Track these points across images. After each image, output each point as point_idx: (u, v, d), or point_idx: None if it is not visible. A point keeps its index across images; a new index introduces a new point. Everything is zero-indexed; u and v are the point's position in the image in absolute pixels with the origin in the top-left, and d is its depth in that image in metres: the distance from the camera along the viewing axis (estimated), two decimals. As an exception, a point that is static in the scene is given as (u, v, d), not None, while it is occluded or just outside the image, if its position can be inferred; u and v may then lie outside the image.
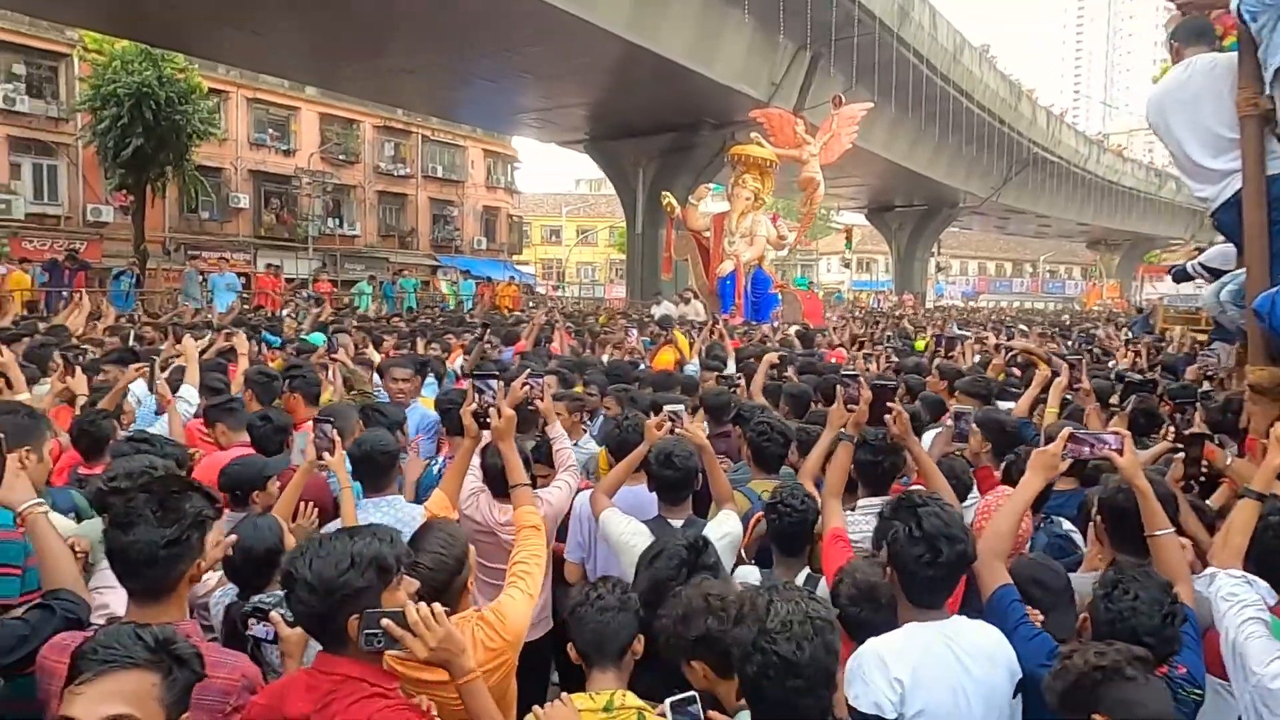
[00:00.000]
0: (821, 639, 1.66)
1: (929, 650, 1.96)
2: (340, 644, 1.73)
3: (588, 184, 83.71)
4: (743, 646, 1.69)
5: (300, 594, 1.70)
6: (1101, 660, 1.72)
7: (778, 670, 1.63)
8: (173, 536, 1.83)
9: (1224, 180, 3.56)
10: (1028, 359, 6.01)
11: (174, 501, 1.88)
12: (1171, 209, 53.40)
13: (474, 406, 2.66)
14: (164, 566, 1.84)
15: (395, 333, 9.05)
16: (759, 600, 1.73)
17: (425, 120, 36.14)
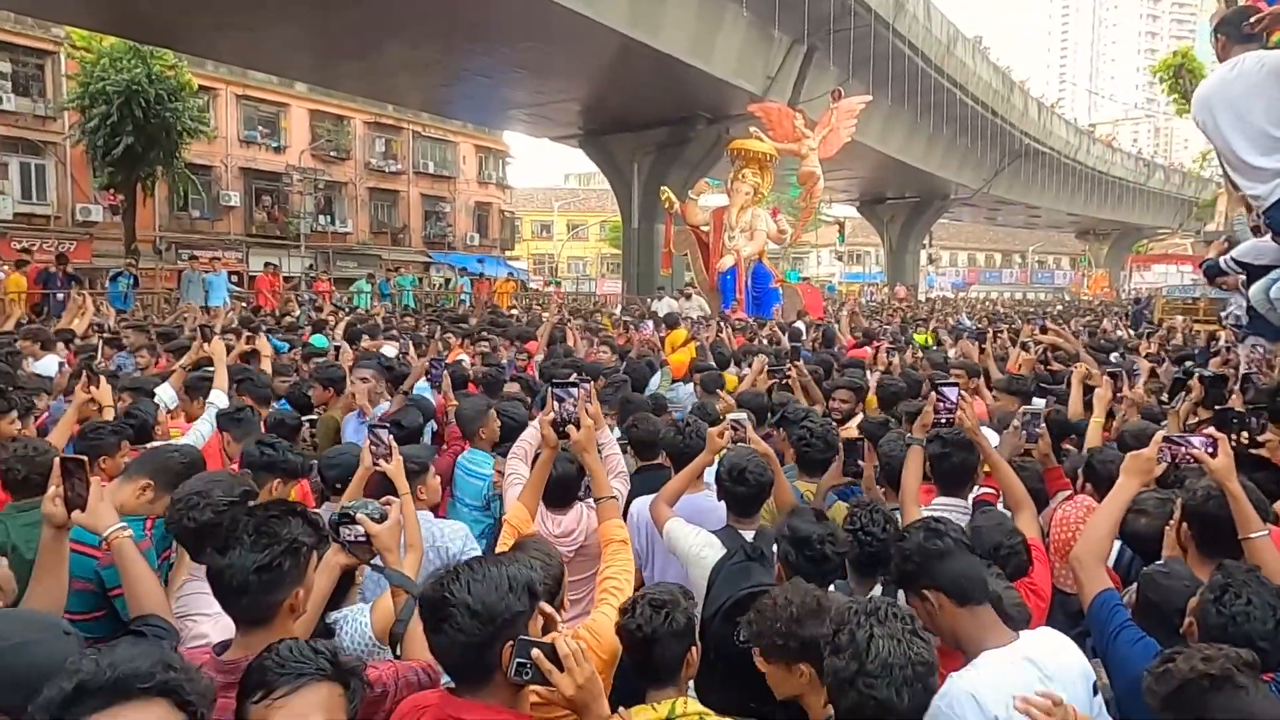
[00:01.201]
0: (922, 684, 1.63)
1: (1018, 681, 1.90)
2: (481, 680, 1.67)
3: (577, 178, 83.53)
4: (839, 679, 1.65)
5: (460, 620, 1.61)
6: (1210, 668, 1.66)
7: (874, 711, 1.61)
8: (264, 562, 1.78)
9: (1275, 179, 3.55)
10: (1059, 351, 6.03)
11: (272, 526, 1.83)
12: (1160, 199, 53.77)
13: (552, 416, 2.62)
14: (257, 593, 1.79)
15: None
16: (859, 633, 1.66)
17: (416, 116, 35.91)
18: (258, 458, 3.16)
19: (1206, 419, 5.04)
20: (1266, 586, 1.91)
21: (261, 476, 3.09)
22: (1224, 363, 5.76)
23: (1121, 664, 2.06)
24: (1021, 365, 6.17)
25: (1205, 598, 1.94)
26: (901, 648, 1.62)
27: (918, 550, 2.00)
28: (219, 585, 1.80)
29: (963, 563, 2.02)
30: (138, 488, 2.77)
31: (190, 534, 2.31)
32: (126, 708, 1.16)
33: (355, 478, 2.99)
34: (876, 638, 1.64)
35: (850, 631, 1.67)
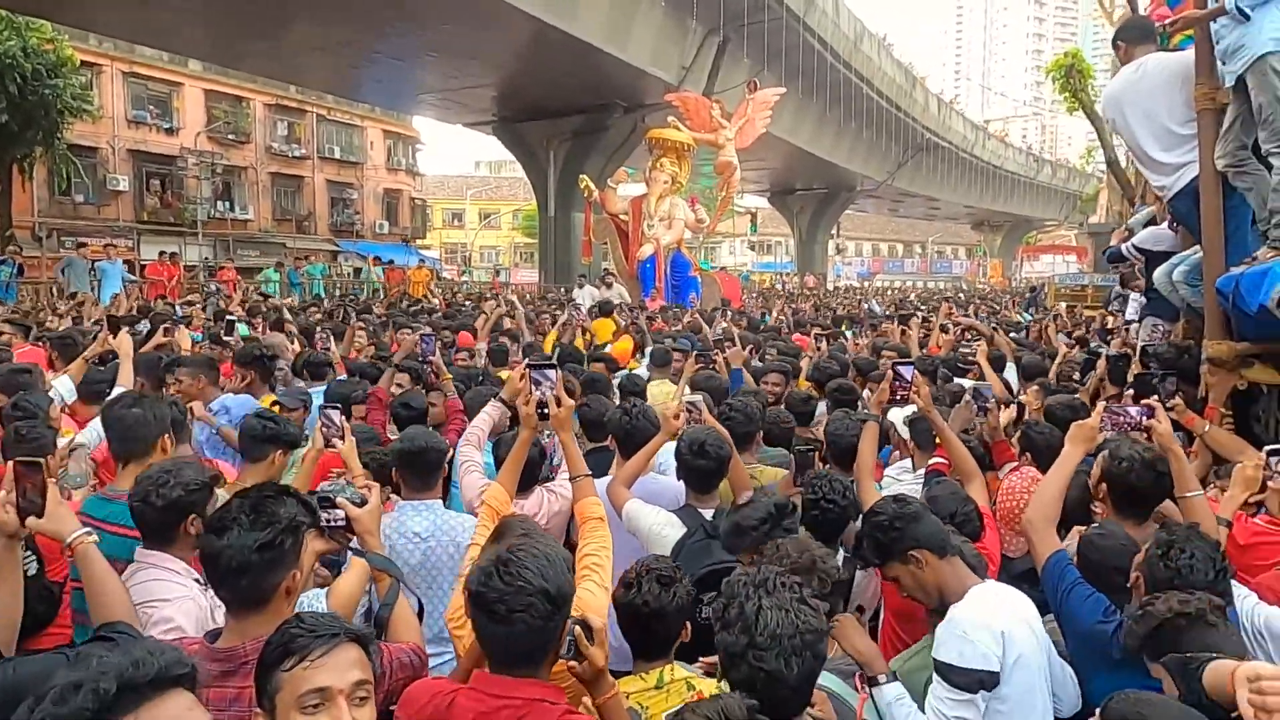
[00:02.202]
0: (810, 652, 1.63)
1: (1010, 606, 2.13)
2: (539, 661, 1.68)
3: (489, 166, 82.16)
4: (730, 653, 1.66)
5: (540, 606, 1.61)
6: (1185, 608, 1.86)
7: (764, 682, 1.61)
8: (265, 540, 1.75)
9: (1177, 172, 3.86)
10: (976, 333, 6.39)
11: (268, 506, 1.80)
12: (1048, 193, 56.93)
13: (537, 396, 2.62)
14: (257, 573, 1.75)
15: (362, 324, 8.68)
16: (748, 605, 1.66)
17: (321, 99, 34.61)
18: (259, 430, 3.14)
19: (1112, 394, 5.46)
20: (1206, 541, 2.12)
21: (263, 449, 3.09)
22: (1123, 344, 6.20)
23: (1075, 618, 2.23)
24: (942, 346, 6.50)
25: (1151, 553, 2.12)
26: (790, 617, 1.63)
27: (896, 517, 2.12)
28: (215, 568, 1.74)
29: (933, 520, 2.18)
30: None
31: (155, 512, 2.22)
32: (165, 699, 1.18)
33: (307, 459, 2.93)
34: (765, 609, 1.63)
35: (740, 605, 1.67)
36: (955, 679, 1.97)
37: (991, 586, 2.18)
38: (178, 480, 2.25)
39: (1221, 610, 1.88)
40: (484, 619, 1.66)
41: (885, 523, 2.15)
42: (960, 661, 1.98)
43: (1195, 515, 2.41)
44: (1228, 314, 3.59)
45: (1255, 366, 3.66)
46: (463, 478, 3.57)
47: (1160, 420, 2.53)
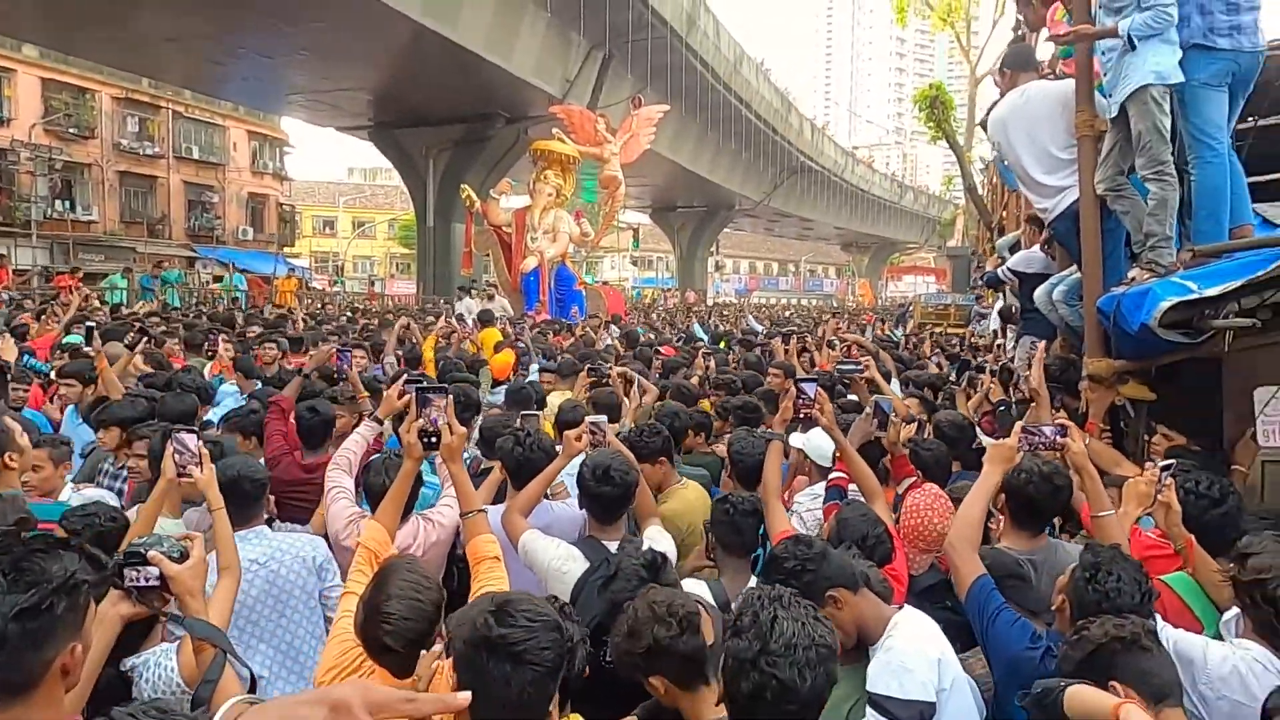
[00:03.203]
0: (824, 668, 1.57)
1: (935, 632, 2.06)
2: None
3: (362, 173, 79.30)
4: (740, 660, 1.57)
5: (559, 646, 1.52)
6: (1120, 631, 1.83)
7: (775, 694, 1.53)
8: (28, 604, 1.34)
9: (1058, 195, 4.01)
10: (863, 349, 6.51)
11: (34, 561, 1.38)
12: (909, 216, 60.41)
13: (420, 423, 2.33)
14: (17, 648, 1.34)
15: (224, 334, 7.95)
16: (763, 614, 1.60)
17: (178, 94, 32.33)
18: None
19: (988, 411, 5.66)
20: (1131, 563, 2.11)
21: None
22: (995, 359, 6.47)
23: (1001, 644, 2.17)
24: (829, 363, 6.57)
25: (1078, 577, 2.09)
26: (806, 629, 1.57)
27: (805, 560, 2.04)
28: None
29: (837, 555, 2.10)
30: None
31: None
32: None
33: (156, 491, 2.52)
34: (780, 619, 1.57)
35: (754, 613, 1.60)
36: (895, 711, 1.88)
37: (910, 614, 2.11)
38: None
39: (1154, 634, 1.86)
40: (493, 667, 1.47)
41: (796, 568, 2.02)
42: (901, 694, 1.90)
43: (1108, 535, 2.42)
44: (1107, 332, 3.72)
45: (1130, 383, 3.81)
46: (329, 505, 3.24)
47: (1074, 440, 2.55)
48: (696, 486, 3.76)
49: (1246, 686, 1.90)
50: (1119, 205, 3.66)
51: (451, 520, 3.23)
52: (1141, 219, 3.56)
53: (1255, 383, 3.45)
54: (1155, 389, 3.83)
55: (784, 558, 2.07)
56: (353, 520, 3.17)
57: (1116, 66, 3.54)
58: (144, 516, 2.49)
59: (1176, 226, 4.17)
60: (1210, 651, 2.03)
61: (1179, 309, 3.18)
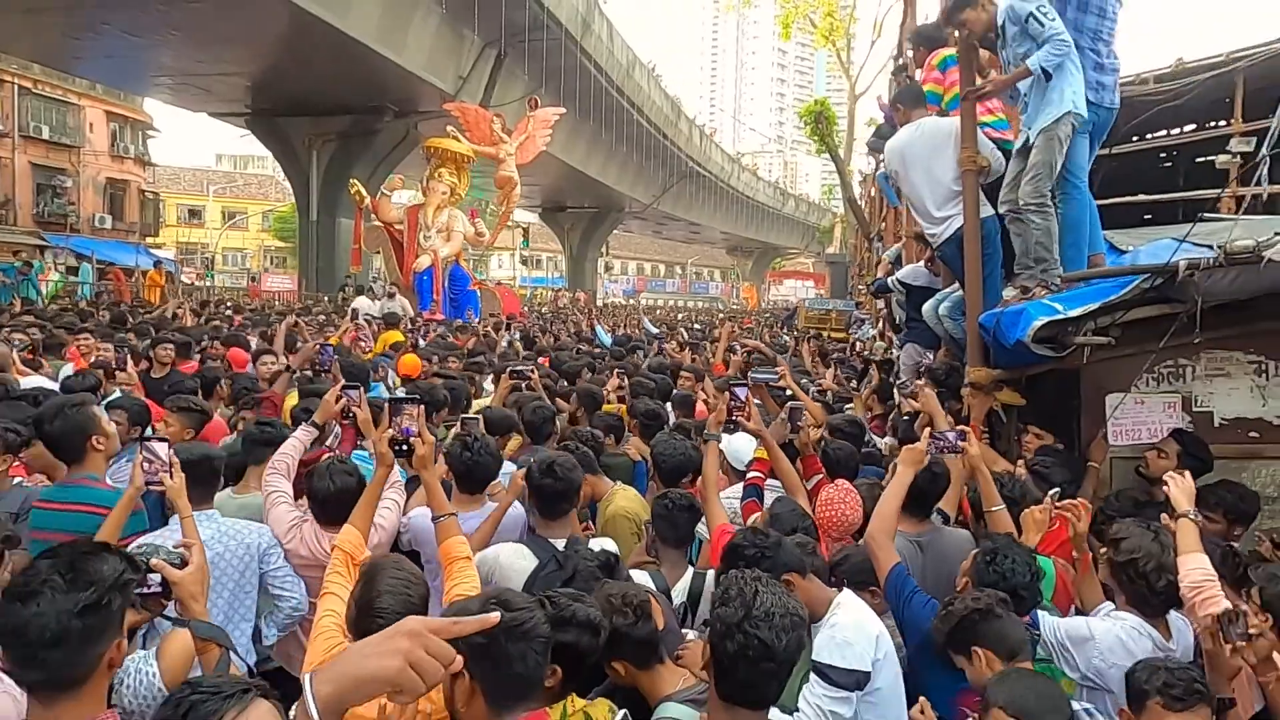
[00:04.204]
0: (797, 633, 1.81)
1: (872, 613, 2.36)
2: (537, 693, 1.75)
3: (231, 161, 75.02)
4: (726, 625, 1.79)
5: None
6: (977, 604, 2.26)
7: (756, 652, 1.76)
8: (89, 602, 1.48)
9: (945, 222, 4.47)
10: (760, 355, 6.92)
11: (87, 563, 1.53)
12: (791, 223, 62.72)
13: (391, 432, 2.43)
14: (76, 645, 1.47)
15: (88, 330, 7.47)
16: (746, 587, 1.84)
17: (26, 68, 29.71)
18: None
19: (879, 413, 6.16)
20: (1023, 549, 2.51)
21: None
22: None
23: (915, 620, 2.51)
24: (730, 366, 6.95)
25: (979, 560, 2.47)
26: (781, 601, 1.82)
27: (763, 548, 2.32)
28: (21, 643, 1.44)
29: (791, 544, 2.39)
30: None
31: None
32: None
33: (120, 502, 2.53)
34: (761, 592, 1.82)
35: (739, 587, 1.84)
36: (836, 678, 2.15)
37: (849, 595, 2.40)
38: None
39: (1005, 604, 2.27)
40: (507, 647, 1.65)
41: (755, 555, 2.28)
42: (842, 663, 2.17)
43: (999, 526, 2.82)
44: (987, 345, 4.20)
45: (1004, 390, 4.31)
46: (269, 510, 3.27)
47: (971, 444, 2.94)
48: (629, 489, 3.98)
49: (1130, 651, 2.31)
50: (1014, 227, 4.16)
51: (392, 523, 3.33)
52: (1030, 243, 4.06)
53: (1107, 390, 4.01)
54: (1024, 395, 4.36)
55: (744, 545, 2.33)
56: (294, 524, 3.22)
57: (1035, 100, 4.03)
58: (110, 523, 2.50)
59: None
60: (1094, 627, 2.42)
61: (1048, 327, 3.66)
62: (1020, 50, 4.04)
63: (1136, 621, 2.41)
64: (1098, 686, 2.37)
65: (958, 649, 2.28)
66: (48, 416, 3.03)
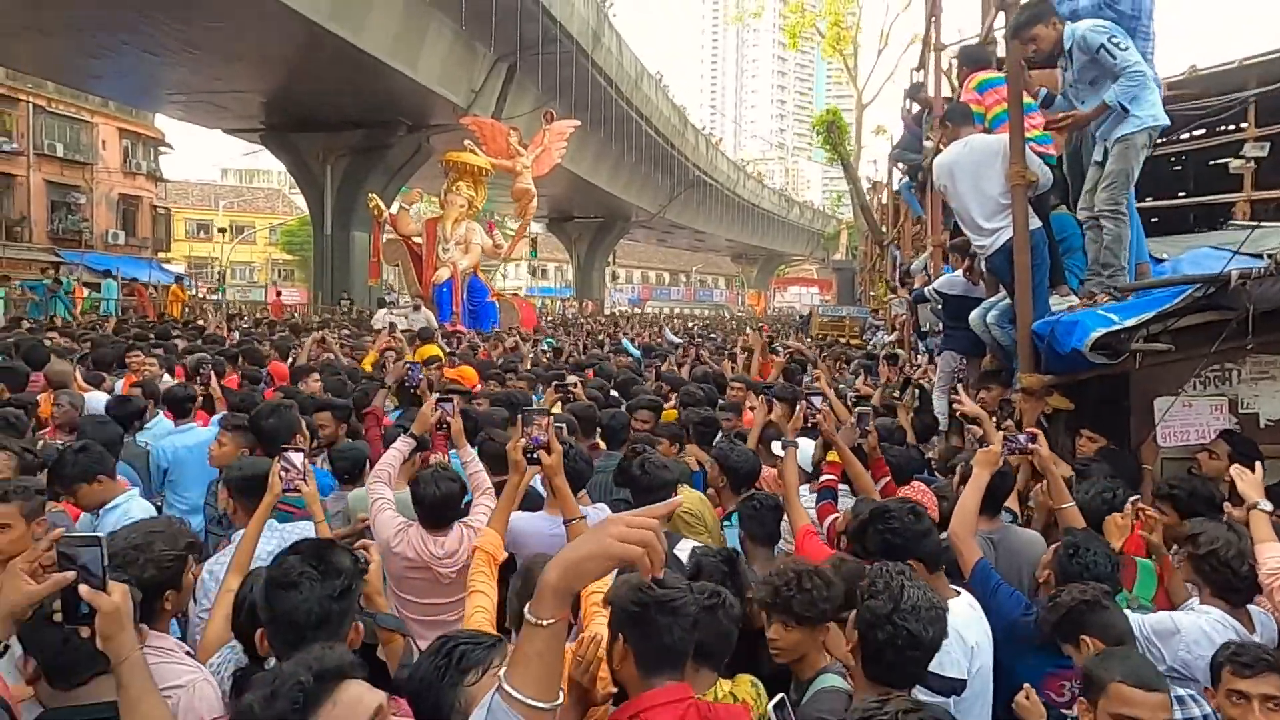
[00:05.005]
0: (941, 624, 1.98)
1: (978, 620, 2.50)
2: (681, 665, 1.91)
3: (237, 175, 75.49)
4: (876, 615, 1.96)
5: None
6: (1084, 595, 2.40)
7: (904, 641, 1.92)
8: (343, 587, 1.71)
9: (994, 234, 4.66)
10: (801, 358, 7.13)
11: (332, 555, 1.76)
12: (796, 230, 62.97)
13: (523, 442, 2.62)
14: (335, 626, 1.70)
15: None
16: (893, 582, 2.00)
17: (39, 86, 30.05)
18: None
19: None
20: (1102, 543, 2.68)
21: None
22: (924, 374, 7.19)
23: (1001, 613, 2.67)
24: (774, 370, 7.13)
25: (1061, 554, 2.63)
26: (926, 595, 1.99)
27: (909, 529, 2.48)
28: (290, 627, 1.66)
29: (935, 536, 2.56)
30: None
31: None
32: (348, 686, 1.34)
33: (261, 506, 2.73)
34: (906, 587, 1.98)
35: (885, 581, 2.00)
36: (934, 685, 2.29)
37: (966, 599, 2.55)
38: (148, 557, 2.06)
39: (1110, 595, 2.43)
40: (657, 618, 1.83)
41: (899, 528, 2.46)
42: (940, 670, 2.29)
43: (1071, 521, 3.00)
44: (1038, 351, 4.38)
45: (1054, 395, 4.50)
46: (375, 516, 3.45)
47: (1041, 445, 3.13)
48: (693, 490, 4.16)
49: (1214, 642, 2.45)
50: (1092, 234, 4.36)
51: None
52: (1100, 248, 4.26)
53: (1155, 394, 4.19)
54: (1072, 400, 4.54)
55: (891, 513, 2.52)
56: (401, 528, 3.41)
57: (1114, 116, 4.24)
58: (250, 531, 2.69)
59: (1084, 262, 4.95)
60: (1179, 621, 2.57)
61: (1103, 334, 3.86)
62: (1090, 76, 4.24)
63: (1220, 614, 2.56)
64: (1184, 677, 2.53)
65: (1066, 638, 2.41)
66: (264, 414, 3.52)
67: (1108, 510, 3.10)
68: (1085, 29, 4.27)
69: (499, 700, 1.17)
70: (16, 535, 2.50)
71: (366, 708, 1.32)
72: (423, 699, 1.55)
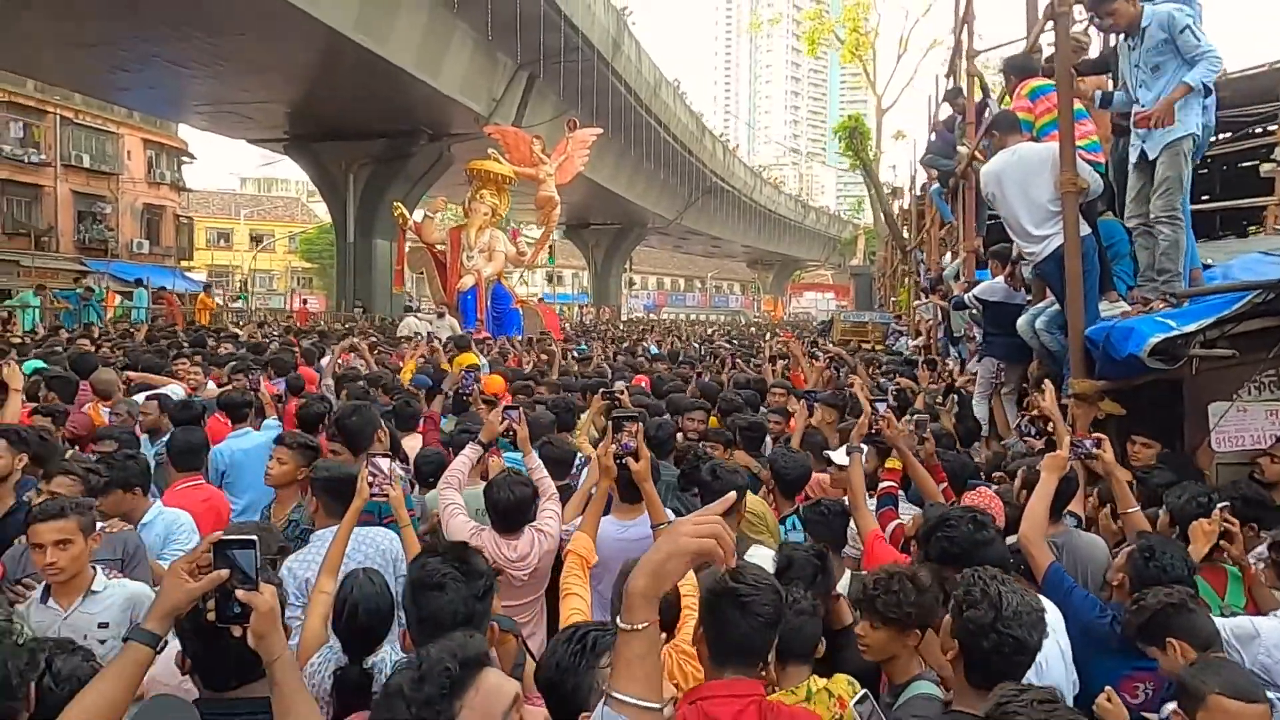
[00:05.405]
0: (1042, 626, 1.99)
1: (1054, 620, 2.52)
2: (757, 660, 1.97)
3: (255, 184, 76.20)
4: (979, 625, 1.96)
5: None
6: (1171, 598, 2.41)
7: (1010, 648, 1.93)
8: (485, 587, 1.79)
9: (1044, 241, 4.69)
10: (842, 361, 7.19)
11: (471, 558, 1.83)
12: (811, 235, 62.91)
13: (614, 448, 2.69)
14: (479, 621, 1.79)
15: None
16: (990, 588, 2.00)
17: (68, 99, 30.53)
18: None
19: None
20: (1177, 546, 2.71)
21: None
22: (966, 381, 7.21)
23: (1076, 616, 2.71)
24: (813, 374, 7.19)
25: (1136, 557, 2.66)
26: (1025, 599, 1.99)
27: (970, 538, 2.51)
28: (435, 627, 1.72)
29: (997, 547, 2.59)
30: None
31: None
32: (487, 674, 1.40)
33: (351, 509, 2.81)
34: (1004, 593, 1.98)
35: (982, 589, 2.00)
36: None
37: (1044, 604, 2.59)
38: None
39: (1196, 598, 2.45)
40: (727, 612, 1.88)
41: (958, 537, 2.50)
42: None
43: (1136, 526, 3.04)
44: (1091, 357, 4.41)
45: (1106, 400, 4.52)
46: (447, 521, 3.53)
47: (1106, 450, 3.17)
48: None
49: None
50: (1142, 240, 4.39)
51: (556, 530, 3.58)
52: (1156, 254, 4.29)
53: (1210, 399, 4.21)
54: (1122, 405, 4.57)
55: (953, 522, 2.55)
56: (474, 533, 3.49)
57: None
58: (340, 534, 2.76)
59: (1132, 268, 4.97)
60: (1260, 625, 2.60)
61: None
62: (1155, 60, 4.26)
63: None
64: (1265, 682, 2.56)
65: (1150, 640, 2.42)
66: (347, 413, 3.71)
67: (1202, 516, 3.13)
68: (1171, 8, 4.29)
69: (609, 711, 1.21)
70: (77, 551, 2.62)
71: (506, 695, 1.38)
72: (560, 684, 1.61)
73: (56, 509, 2.61)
